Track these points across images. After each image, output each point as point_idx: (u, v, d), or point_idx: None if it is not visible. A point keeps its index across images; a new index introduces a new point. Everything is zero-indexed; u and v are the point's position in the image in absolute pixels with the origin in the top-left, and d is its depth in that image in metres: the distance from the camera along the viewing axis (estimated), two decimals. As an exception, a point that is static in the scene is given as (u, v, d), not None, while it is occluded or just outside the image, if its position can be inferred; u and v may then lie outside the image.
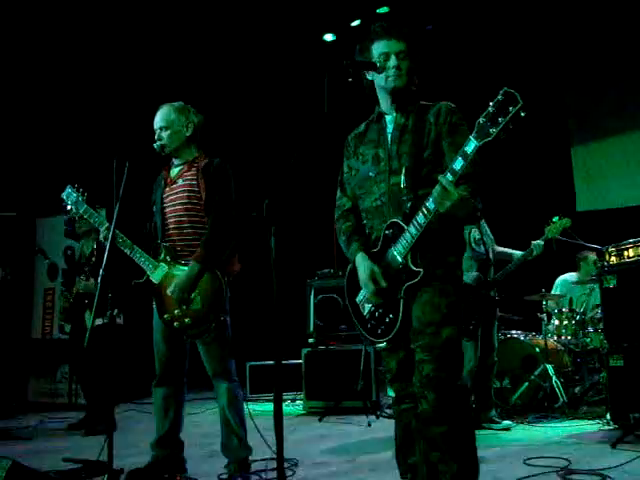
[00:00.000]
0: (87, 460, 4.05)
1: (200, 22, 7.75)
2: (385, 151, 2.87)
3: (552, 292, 6.85)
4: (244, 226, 3.76)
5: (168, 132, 3.82)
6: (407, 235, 2.69)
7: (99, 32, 7.62)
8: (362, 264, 2.87)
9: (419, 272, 2.67)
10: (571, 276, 7.05)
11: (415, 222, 2.65)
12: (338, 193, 3.14)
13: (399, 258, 2.73)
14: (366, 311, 2.92)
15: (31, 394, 8.42)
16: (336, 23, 8.12)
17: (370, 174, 2.91)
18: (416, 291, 2.72)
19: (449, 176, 2.47)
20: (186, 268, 3.67)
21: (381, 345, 2.89)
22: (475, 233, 5.46)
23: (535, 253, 5.56)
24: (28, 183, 8.66)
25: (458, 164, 2.46)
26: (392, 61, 2.80)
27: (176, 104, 3.90)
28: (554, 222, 5.56)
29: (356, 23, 7.98)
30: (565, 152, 8.68)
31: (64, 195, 4.06)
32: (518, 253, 5.67)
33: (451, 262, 2.79)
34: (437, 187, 2.49)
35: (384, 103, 2.92)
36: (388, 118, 2.93)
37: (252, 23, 7.83)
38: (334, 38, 8.39)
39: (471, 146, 2.42)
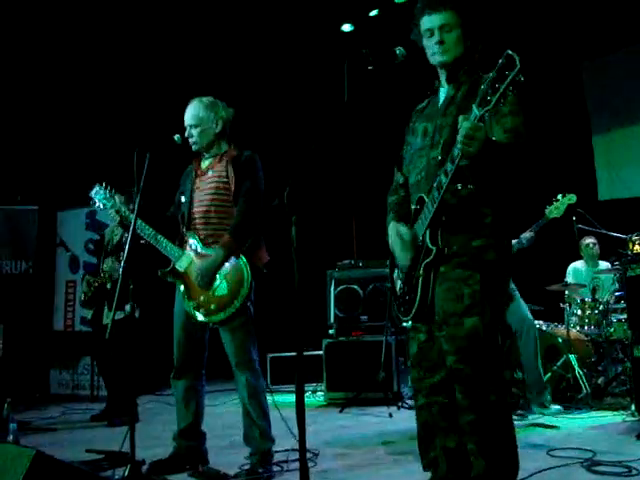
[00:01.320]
0: (110, 451, 4.08)
1: (219, 12, 7.74)
2: (432, 125, 2.79)
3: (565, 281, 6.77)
4: (266, 215, 3.76)
5: (198, 130, 3.85)
6: (426, 211, 2.62)
7: (118, 23, 7.64)
8: (392, 228, 2.84)
9: (432, 250, 2.60)
10: (581, 263, 7.00)
11: (432, 197, 2.58)
12: (395, 168, 3.09)
13: (419, 234, 2.68)
14: (397, 288, 2.89)
15: (53, 386, 8.49)
16: (354, 13, 8.08)
17: (417, 148, 2.85)
18: (438, 271, 2.64)
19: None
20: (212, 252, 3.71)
21: (406, 324, 2.85)
22: None
23: (519, 246, 5.22)
24: (49, 176, 8.72)
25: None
26: (435, 37, 2.70)
27: (205, 100, 3.90)
28: (557, 200, 5.23)
29: (374, 13, 7.93)
30: (586, 141, 8.57)
31: (92, 193, 4.07)
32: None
33: (476, 246, 2.62)
34: (462, 126, 2.36)
35: (440, 76, 2.84)
36: (442, 90, 2.84)
37: (271, 14, 7.80)
38: (352, 28, 8.34)
39: (471, 116, 2.32)
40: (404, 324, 2.87)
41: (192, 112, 3.87)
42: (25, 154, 8.50)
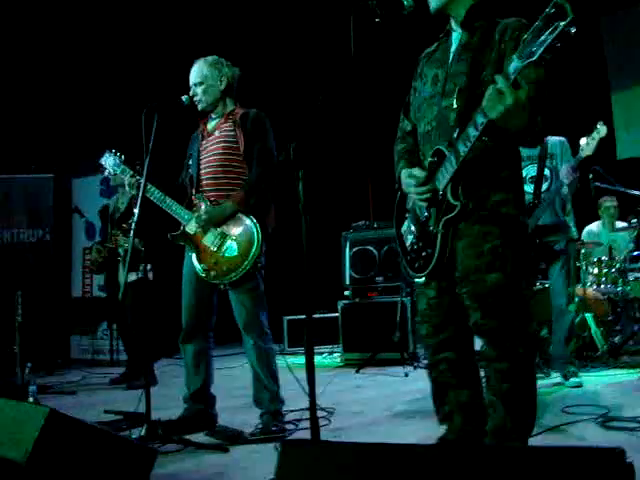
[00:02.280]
0: (128, 412, 4.13)
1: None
2: (444, 71, 2.67)
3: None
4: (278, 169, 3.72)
5: (202, 87, 3.82)
6: (447, 164, 2.51)
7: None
8: (404, 173, 2.74)
9: (456, 206, 2.51)
10: (597, 225, 6.92)
11: (456, 150, 2.46)
12: (401, 115, 2.99)
13: (440, 188, 2.58)
14: (408, 242, 2.81)
15: (74, 351, 8.62)
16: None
17: (426, 96, 2.74)
18: (457, 227, 2.57)
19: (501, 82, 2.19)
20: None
21: (420, 280, 2.79)
22: (531, 170, 4.89)
23: (567, 182, 4.68)
24: (63, 144, 8.73)
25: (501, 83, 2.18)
26: None
27: (210, 59, 3.87)
28: (590, 136, 4.62)
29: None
30: (605, 98, 8.42)
31: (102, 160, 4.06)
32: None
33: (496, 201, 2.55)
34: (490, 89, 2.23)
35: (451, 20, 2.71)
36: (454, 35, 2.71)
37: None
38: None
39: (512, 67, 2.16)
40: (416, 280, 2.81)
41: (196, 71, 3.85)
42: (38, 123, 8.51)
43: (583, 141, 4.67)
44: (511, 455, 1.43)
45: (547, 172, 4.91)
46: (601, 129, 4.63)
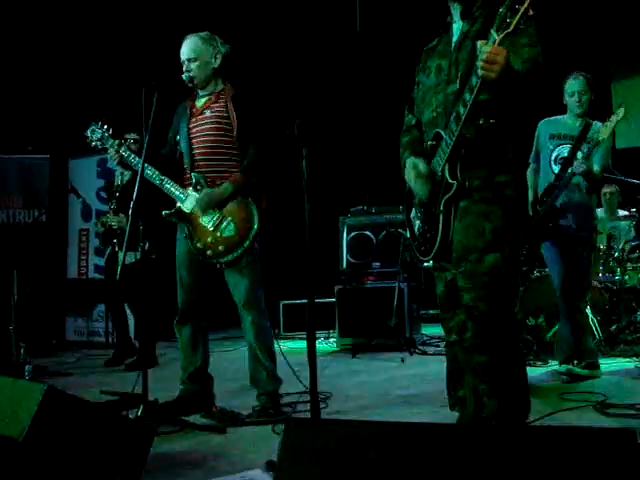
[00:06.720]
0: (124, 392, 4.12)
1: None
2: (447, 61, 2.69)
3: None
4: (275, 150, 3.66)
5: (197, 63, 3.72)
6: (443, 144, 2.54)
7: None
8: (409, 163, 2.76)
9: (452, 184, 2.52)
10: (600, 212, 6.92)
11: (450, 130, 2.49)
12: (406, 110, 3.02)
13: (438, 169, 2.60)
14: (416, 228, 2.83)
15: (69, 333, 8.60)
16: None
17: (431, 85, 2.76)
18: (458, 207, 2.57)
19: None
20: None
21: (427, 264, 2.81)
22: (564, 150, 4.66)
23: (578, 172, 4.43)
24: (61, 124, 8.65)
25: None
26: None
27: (203, 34, 3.78)
28: (608, 119, 4.41)
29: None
30: (605, 87, 8.39)
31: (88, 132, 3.98)
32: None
33: (499, 182, 2.57)
34: (482, 51, 2.26)
35: (452, 11, 2.74)
36: (455, 26, 2.73)
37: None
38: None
39: (490, 40, 2.21)
40: (425, 264, 2.83)
41: (190, 46, 3.73)
42: (35, 103, 8.43)
43: (599, 124, 4.52)
44: (523, 435, 1.42)
45: (579, 155, 4.60)
46: (620, 111, 4.44)
